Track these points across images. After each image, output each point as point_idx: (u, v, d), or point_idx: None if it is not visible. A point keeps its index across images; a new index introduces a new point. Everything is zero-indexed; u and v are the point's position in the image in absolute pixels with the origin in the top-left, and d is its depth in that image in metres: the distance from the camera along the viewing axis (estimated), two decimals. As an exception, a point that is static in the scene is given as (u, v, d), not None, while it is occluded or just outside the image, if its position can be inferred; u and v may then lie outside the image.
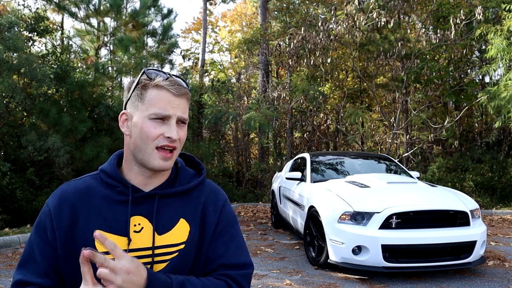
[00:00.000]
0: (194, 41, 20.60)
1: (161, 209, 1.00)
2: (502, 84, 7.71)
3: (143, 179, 1.01)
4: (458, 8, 9.27)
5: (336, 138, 13.81)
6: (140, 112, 0.98)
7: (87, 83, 8.38)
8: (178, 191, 1.03)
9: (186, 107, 1.00)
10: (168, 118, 0.96)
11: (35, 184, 7.37)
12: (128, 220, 0.97)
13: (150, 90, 0.97)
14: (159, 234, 0.98)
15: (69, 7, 9.36)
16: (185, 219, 1.02)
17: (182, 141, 1.00)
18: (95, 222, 0.96)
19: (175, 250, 0.99)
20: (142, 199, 0.99)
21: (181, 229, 1.01)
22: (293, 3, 12.99)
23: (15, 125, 7.57)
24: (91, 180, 1.03)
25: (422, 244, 3.79)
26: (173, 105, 0.97)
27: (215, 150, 13.17)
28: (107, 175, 1.02)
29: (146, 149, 0.96)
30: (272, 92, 11.50)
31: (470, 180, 9.84)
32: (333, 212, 4.12)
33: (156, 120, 0.96)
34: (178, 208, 1.02)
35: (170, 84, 0.97)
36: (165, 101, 0.96)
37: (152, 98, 0.96)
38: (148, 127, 0.96)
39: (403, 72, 9.85)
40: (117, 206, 0.98)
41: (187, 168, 1.11)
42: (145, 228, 0.98)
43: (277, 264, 4.62)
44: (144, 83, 0.98)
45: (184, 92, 0.99)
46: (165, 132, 0.95)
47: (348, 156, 6.24)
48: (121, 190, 0.99)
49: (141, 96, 0.98)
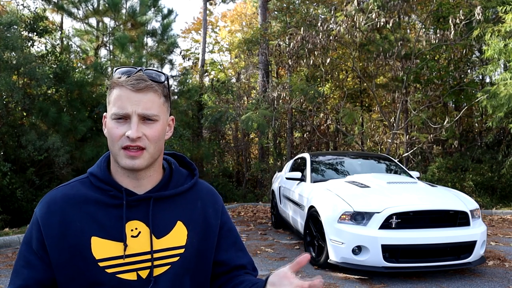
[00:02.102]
0: (194, 41, 20.62)
1: (157, 213, 0.98)
2: (501, 84, 7.71)
3: (131, 181, 0.97)
4: (458, 8, 9.27)
5: (336, 138, 13.81)
6: (108, 113, 0.95)
7: (86, 83, 8.38)
8: (173, 194, 1.01)
9: (151, 102, 0.92)
10: (128, 117, 0.91)
11: (35, 184, 7.36)
12: (123, 225, 0.94)
13: (113, 90, 0.94)
14: (157, 238, 0.96)
15: (67, 7, 9.35)
16: (182, 221, 1.00)
17: (153, 139, 0.93)
18: (90, 228, 0.93)
19: (175, 254, 0.97)
20: (137, 202, 0.96)
21: (179, 232, 0.99)
22: (293, 3, 12.99)
23: (15, 125, 7.57)
24: (80, 185, 0.99)
25: (422, 244, 3.79)
26: (133, 102, 0.91)
27: (215, 150, 13.18)
28: (98, 179, 0.98)
29: (114, 150, 0.93)
30: (272, 92, 11.50)
31: (470, 180, 9.84)
32: (333, 212, 4.11)
33: (118, 120, 0.92)
34: (174, 210, 1.00)
35: (128, 80, 0.91)
36: (123, 99, 0.91)
37: (113, 98, 0.93)
38: (111, 128, 0.92)
39: (403, 72, 9.84)
40: (111, 211, 0.95)
41: (181, 169, 1.08)
42: (142, 232, 0.95)
43: (277, 264, 4.61)
44: (110, 83, 0.95)
45: (144, 86, 0.91)
46: (126, 131, 0.91)
47: (348, 156, 6.24)
48: (114, 194, 0.96)
49: (109, 96, 0.95)
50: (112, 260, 0.92)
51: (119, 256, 0.92)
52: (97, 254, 0.91)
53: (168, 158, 1.09)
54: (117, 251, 0.93)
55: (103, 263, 0.91)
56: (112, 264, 0.92)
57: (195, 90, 11.77)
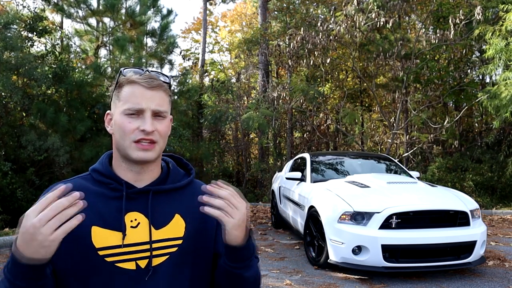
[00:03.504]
0: (194, 41, 20.62)
1: (156, 205, 1.02)
2: (502, 84, 7.70)
3: (133, 175, 1.02)
4: (458, 8, 9.26)
5: (336, 138, 13.81)
6: (118, 110, 0.99)
7: (86, 83, 8.38)
8: (171, 188, 1.05)
9: (162, 100, 1.00)
10: (142, 112, 0.97)
11: (35, 184, 7.36)
12: (123, 216, 0.97)
13: (125, 87, 0.99)
14: (156, 228, 1.00)
15: (67, 8, 9.35)
16: (180, 214, 1.04)
17: (163, 134, 1.00)
18: (91, 219, 0.95)
19: (174, 244, 1.00)
20: (136, 195, 1.01)
21: (177, 224, 1.02)
22: (293, 3, 12.99)
23: (15, 125, 7.57)
24: (82, 180, 1.03)
25: (422, 244, 3.78)
26: (146, 98, 0.97)
27: (215, 150, 13.18)
28: (99, 173, 1.03)
29: (124, 144, 0.98)
30: (272, 92, 11.50)
31: (470, 180, 9.83)
32: (333, 212, 4.11)
33: (131, 115, 0.97)
34: (172, 204, 1.04)
35: (142, 78, 0.98)
36: (137, 95, 0.97)
37: (126, 94, 0.98)
38: (124, 122, 0.97)
39: (403, 72, 9.84)
40: (111, 202, 0.99)
41: (178, 168, 1.13)
42: (141, 223, 0.99)
43: (277, 264, 4.61)
44: (120, 81, 1.00)
45: (157, 84, 0.99)
46: (140, 125, 0.96)
47: (348, 156, 6.24)
48: (115, 186, 1.00)
49: (118, 94, 1.00)
50: (111, 249, 0.95)
51: (118, 245, 0.95)
52: (97, 243, 0.94)
53: (166, 159, 1.14)
54: (116, 241, 0.95)
55: (103, 251, 0.94)
56: (111, 253, 0.95)
57: (195, 90, 11.77)
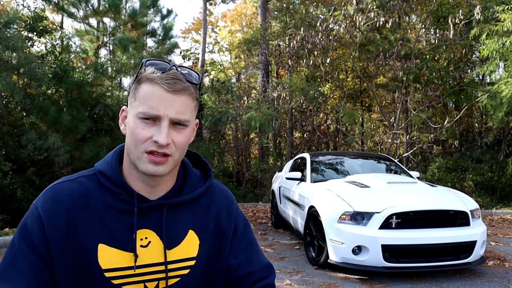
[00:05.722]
0: (194, 41, 20.63)
1: (169, 221, 0.90)
2: (502, 83, 7.70)
3: (144, 186, 0.89)
4: (458, 8, 9.26)
5: (336, 138, 13.82)
6: (132, 110, 0.85)
7: (86, 83, 8.38)
8: (187, 200, 0.93)
9: (185, 106, 0.84)
10: (158, 119, 0.82)
11: (35, 184, 7.36)
12: (134, 234, 0.87)
13: (143, 85, 0.84)
14: (168, 248, 0.90)
15: (67, 8, 9.36)
16: (194, 231, 0.94)
17: (180, 146, 0.85)
18: (98, 235, 0.85)
19: (186, 265, 0.91)
20: (149, 209, 0.89)
21: (191, 242, 0.93)
22: (293, 3, 12.99)
23: (16, 125, 7.57)
24: (88, 182, 0.89)
25: (422, 244, 3.79)
26: (166, 103, 0.82)
27: (215, 150, 13.18)
28: (108, 179, 0.89)
29: (135, 152, 0.84)
30: (272, 92, 11.50)
31: (470, 180, 9.83)
32: (333, 212, 4.11)
33: (145, 120, 0.82)
34: (186, 219, 0.93)
35: (164, 78, 0.82)
36: (155, 98, 0.82)
37: (142, 94, 0.83)
38: (136, 128, 0.83)
39: (402, 72, 9.85)
40: (121, 216, 0.87)
41: (194, 170, 1.00)
42: (152, 242, 0.88)
43: (277, 264, 4.61)
44: (139, 76, 0.85)
45: (180, 88, 0.83)
46: (154, 135, 0.82)
47: (348, 156, 6.24)
48: (125, 198, 0.88)
49: (136, 91, 0.85)
50: (120, 271, 0.86)
51: (128, 267, 0.86)
52: (103, 264, 0.85)
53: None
54: (126, 262, 0.86)
55: (110, 273, 0.85)
56: (119, 275, 0.86)
57: (194, 90, 11.75)
